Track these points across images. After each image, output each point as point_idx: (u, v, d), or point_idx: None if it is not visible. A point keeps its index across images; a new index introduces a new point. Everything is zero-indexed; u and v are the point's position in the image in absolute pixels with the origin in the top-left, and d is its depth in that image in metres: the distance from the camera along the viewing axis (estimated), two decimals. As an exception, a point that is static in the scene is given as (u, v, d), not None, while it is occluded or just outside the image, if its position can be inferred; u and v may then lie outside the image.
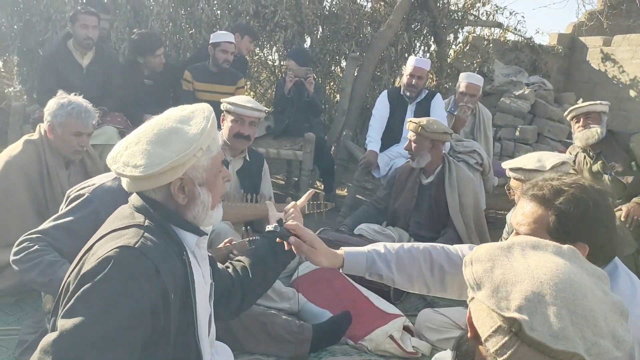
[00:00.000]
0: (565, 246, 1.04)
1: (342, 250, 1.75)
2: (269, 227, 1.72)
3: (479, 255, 1.01)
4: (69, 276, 1.39)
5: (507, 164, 2.77)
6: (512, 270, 0.95)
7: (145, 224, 1.41)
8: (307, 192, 2.21)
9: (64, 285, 1.40)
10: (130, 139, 1.44)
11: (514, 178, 2.70)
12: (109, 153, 3.57)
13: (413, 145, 3.54)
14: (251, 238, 2.50)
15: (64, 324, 1.25)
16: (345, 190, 5.57)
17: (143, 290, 1.29)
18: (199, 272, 1.53)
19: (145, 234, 1.37)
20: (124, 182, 1.46)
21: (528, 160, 2.68)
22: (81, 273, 1.31)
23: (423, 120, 3.53)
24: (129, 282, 1.28)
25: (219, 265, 1.84)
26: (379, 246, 1.77)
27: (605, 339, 0.87)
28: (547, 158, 2.67)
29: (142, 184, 1.41)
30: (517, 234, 1.52)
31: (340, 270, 1.75)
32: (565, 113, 3.98)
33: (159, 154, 1.36)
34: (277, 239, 1.77)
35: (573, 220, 1.42)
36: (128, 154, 1.39)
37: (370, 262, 1.72)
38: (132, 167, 1.36)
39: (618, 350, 0.88)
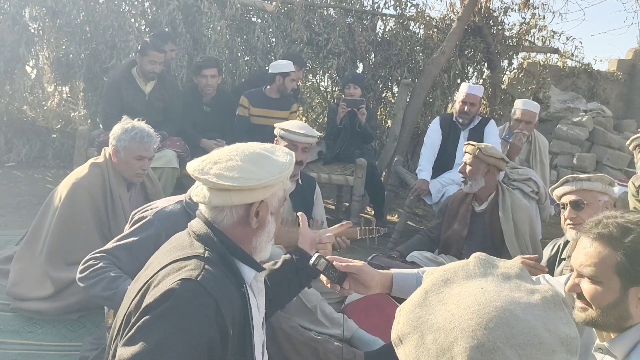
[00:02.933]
0: (471, 260, 1.01)
1: (392, 272, 1.71)
2: (312, 260, 1.65)
3: (403, 328, 0.97)
4: (129, 306, 1.42)
5: None
6: (440, 329, 0.91)
7: (206, 255, 1.43)
8: (342, 223, 2.21)
9: (125, 314, 1.43)
10: (218, 156, 1.48)
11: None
12: (167, 175, 3.69)
13: (468, 168, 3.49)
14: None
15: (123, 352, 1.29)
16: (396, 216, 5.53)
17: (203, 325, 1.32)
18: (254, 304, 1.55)
19: (206, 266, 1.39)
20: (204, 195, 1.46)
21: None
22: (144, 304, 1.35)
23: (481, 143, 3.50)
24: (190, 316, 1.31)
25: None
26: (430, 269, 1.74)
27: (557, 352, 0.84)
28: None
29: (231, 197, 1.43)
30: (579, 275, 1.45)
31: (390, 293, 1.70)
32: (628, 142, 3.86)
33: (254, 172, 1.43)
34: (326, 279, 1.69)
35: None
36: (220, 168, 1.43)
37: (420, 283, 1.67)
38: (229, 178, 1.40)
39: (572, 354, 0.85)
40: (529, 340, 0.85)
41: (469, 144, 3.56)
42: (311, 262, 1.64)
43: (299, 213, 2.09)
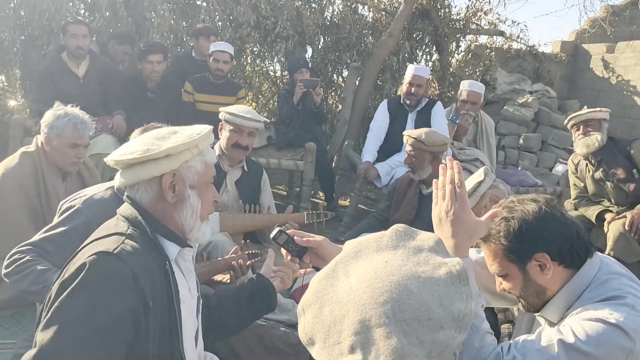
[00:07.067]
0: (387, 232, 1.02)
1: None
2: (273, 234, 1.65)
3: (308, 297, 0.99)
4: (50, 292, 1.37)
5: None
6: (338, 301, 0.93)
7: (128, 232, 1.40)
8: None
9: (48, 297, 1.38)
10: (130, 141, 1.51)
11: None
12: (104, 162, 3.49)
13: (413, 159, 3.50)
14: (251, 251, 2.48)
15: (42, 337, 1.23)
16: (348, 200, 5.54)
17: (122, 296, 1.28)
18: (184, 285, 1.51)
19: (126, 241, 1.36)
20: (117, 178, 1.46)
21: None
22: (59, 281, 1.31)
23: (421, 134, 3.48)
24: (105, 287, 1.27)
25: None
26: (351, 240, 1.76)
27: (445, 329, 0.86)
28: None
29: (136, 172, 1.42)
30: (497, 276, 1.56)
31: None
32: (565, 121, 3.98)
33: (156, 144, 1.41)
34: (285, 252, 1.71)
35: (515, 239, 1.45)
36: (126, 146, 1.44)
37: None
38: (129, 153, 1.40)
39: (461, 331, 0.86)
40: (417, 316, 0.85)
41: (409, 136, 3.54)
42: (272, 235, 1.64)
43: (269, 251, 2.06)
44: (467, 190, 2.25)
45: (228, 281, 2.37)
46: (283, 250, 1.69)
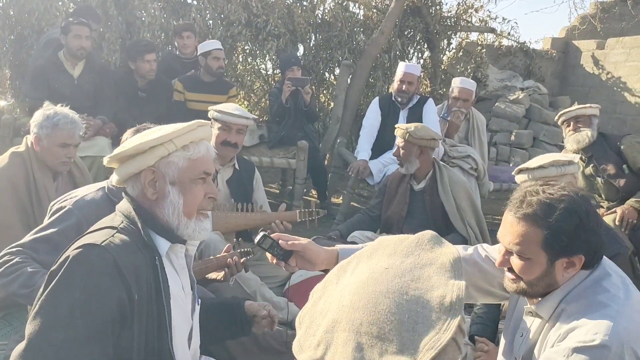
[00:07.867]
0: (412, 237, 1.00)
1: (337, 248, 1.72)
2: (257, 239, 1.65)
3: (321, 282, 0.99)
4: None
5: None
6: (331, 296, 0.94)
7: (121, 225, 1.41)
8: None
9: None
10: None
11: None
12: (99, 164, 3.61)
13: (401, 151, 3.52)
14: (243, 249, 2.48)
15: (31, 330, 1.24)
16: (341, 198, 5.54)
17: (105, 287, 1.29)
18: (176, 281, 1.50)
19: (116, 234, 1.37)
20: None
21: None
22: (48, 274, 1.32)
23: (411, 126, 3.51)
24: (93, 279, 1.27)
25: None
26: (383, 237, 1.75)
27: (403, 355, 0.81)
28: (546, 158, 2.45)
29: (119, 170, 1.46)
30: (508, 252, 1.49)
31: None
32: (556, 117, 4.00)
33: (134, 140, 1.44)
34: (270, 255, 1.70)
35: (567, 235, 1.40)
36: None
37: None
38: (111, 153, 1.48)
39: None
40: (381, 334, 0.83)
41: (399, 127, 3.57)
42: (256, 240, 1.63)
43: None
44: (556, 159, 2.32)
45: (222, 279, 2.37)
46: (268, 255, 1.68)
